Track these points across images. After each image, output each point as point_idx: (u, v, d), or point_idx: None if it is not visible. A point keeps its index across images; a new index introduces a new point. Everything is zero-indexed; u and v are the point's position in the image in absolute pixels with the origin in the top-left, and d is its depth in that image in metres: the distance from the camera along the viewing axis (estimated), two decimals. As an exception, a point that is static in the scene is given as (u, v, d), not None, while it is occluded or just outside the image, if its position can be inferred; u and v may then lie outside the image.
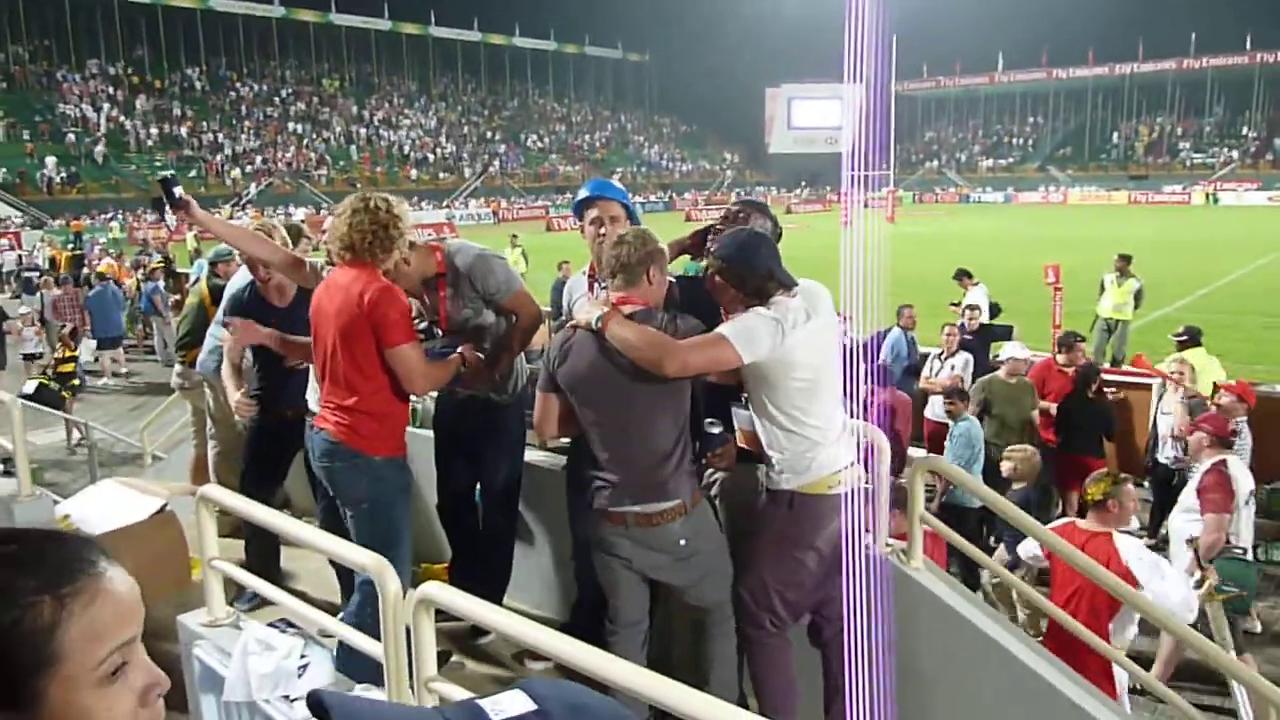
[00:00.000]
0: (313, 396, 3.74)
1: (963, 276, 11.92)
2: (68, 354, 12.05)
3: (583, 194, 3.73)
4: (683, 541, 3.07)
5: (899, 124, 59.31)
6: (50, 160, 47.19)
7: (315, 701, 0.79)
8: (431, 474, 4.19)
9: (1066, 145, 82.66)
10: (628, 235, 3.14)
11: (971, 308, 9.78)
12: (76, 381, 12.03)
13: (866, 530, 3.29)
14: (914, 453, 8.30)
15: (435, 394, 4.41)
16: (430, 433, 4.49)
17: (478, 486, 4.17)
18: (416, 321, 3.58)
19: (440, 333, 3.78)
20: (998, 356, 9.50)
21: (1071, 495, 7.33)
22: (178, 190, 3.84)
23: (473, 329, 3.73)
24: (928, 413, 8.68)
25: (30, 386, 11.03)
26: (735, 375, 3.10)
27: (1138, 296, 13.08)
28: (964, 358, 8.70)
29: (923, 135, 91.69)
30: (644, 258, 3.07)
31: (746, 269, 3.04)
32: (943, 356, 8.78)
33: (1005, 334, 9.92)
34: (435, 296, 3.71)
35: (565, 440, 3.53)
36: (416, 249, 3.60)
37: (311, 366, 3.66)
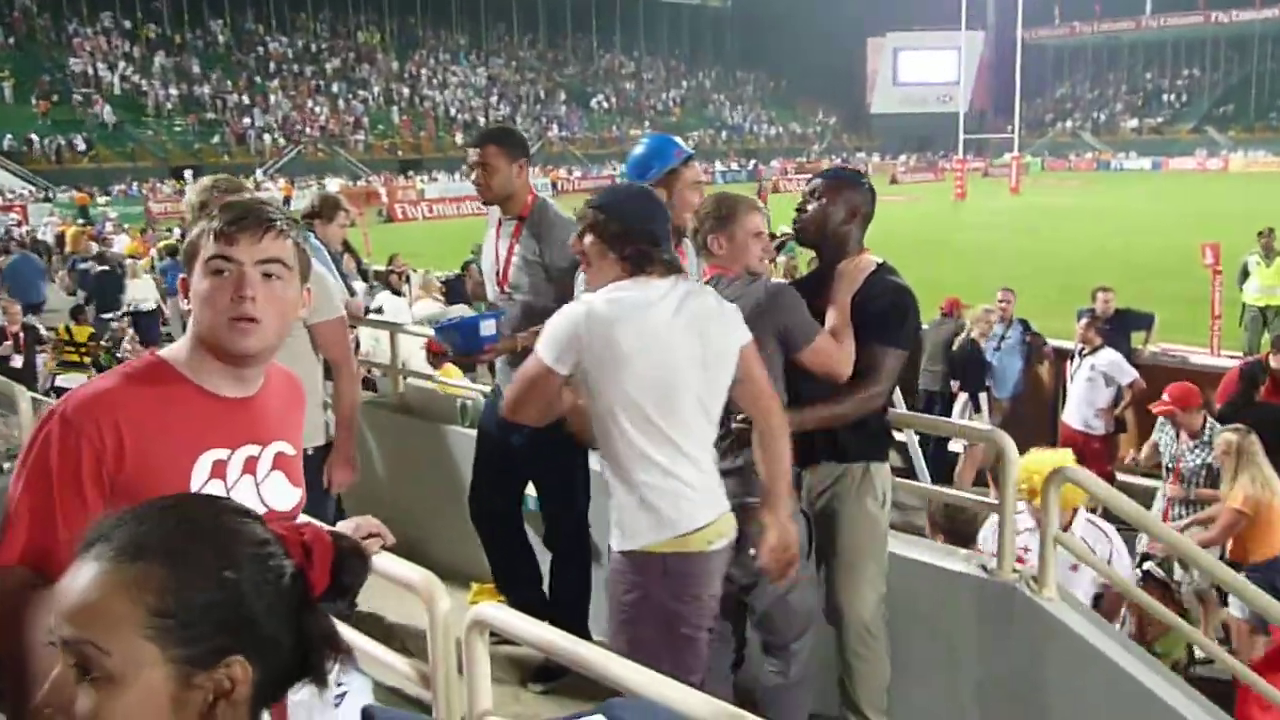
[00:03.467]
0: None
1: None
2: (71, 336, 12.22)
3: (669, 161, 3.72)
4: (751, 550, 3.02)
5: (1026, 78, 58.01)
6: (60, 126, 48.85)
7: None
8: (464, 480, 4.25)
9: (1228, 102, 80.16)
10: (703, 205, 3.20)
11: (1103, 289, 9.53)
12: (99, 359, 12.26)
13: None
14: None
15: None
16: (473, 432, 4.53)
17: (525, 500, 4.20)
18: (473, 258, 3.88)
19: (498, 289, 3.98)
20: (1138, 350, 9.29)
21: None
22: None
23: (523, 300, 3.79)
24: (1065, 417, 8.49)
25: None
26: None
27: None
28: (1108, 358, 8.40)
29: (1054, 91, 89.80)
30: (710, 226, 3.14)
31: (627, 225, 2.72)
32: (1083, 352, 8.55)
33: (1146, 322, 9.67)
34: (507, 241, 3.89)
35: None
36: (525, 170, 3.89)
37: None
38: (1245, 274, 12.88)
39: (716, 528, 2.70)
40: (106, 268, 15.51)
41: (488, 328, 3.80)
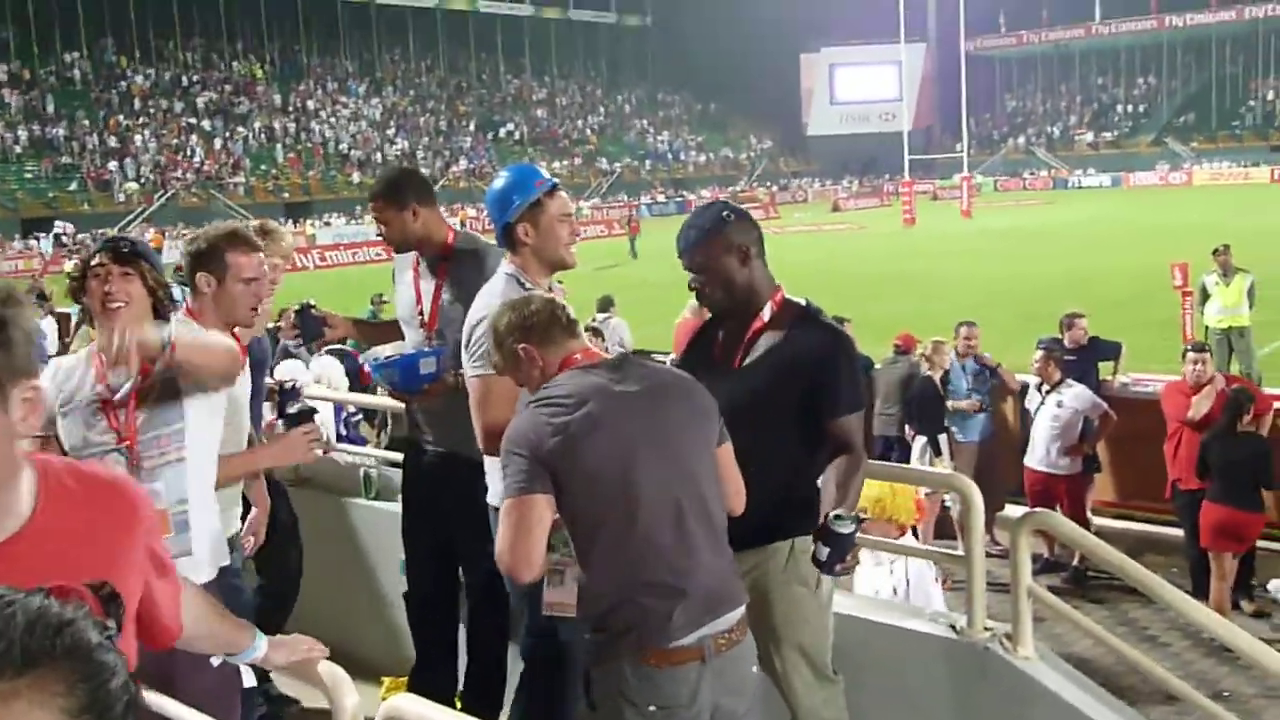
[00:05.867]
0: None
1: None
2: None
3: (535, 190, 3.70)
4: (754, 666, 2.94)
5: (973, 92, 59.55)
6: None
7: None
8: (390, 561, 4.21)
9: (1188, 111, 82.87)
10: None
11: (1074, 315, 9.75)
12: None
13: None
14: (1014, 510, 8.27)
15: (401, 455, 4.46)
16: (390, 506, 4.51)
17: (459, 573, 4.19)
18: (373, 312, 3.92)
19: (423, 332, 4.10)
20: (1107, 381, 9.49)
21: (1224, 559, 7.27)
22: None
23: (456, 339, 3.83)
24: (1029, 461, 8.63)
25: None
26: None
27: (1250, 294, 13.07)
28: (1075, 393, 8.53)
29: (1004, 106, 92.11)
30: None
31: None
32: (1043, 388, 8.69)
33: (1114, 351, 9.91)
34: (431, 282, 4.06)
35: None
36: (431, 211, 4.09)
37: None
38: (1205, 295, 13.26)
39: None
40: None
41: (427, 365, 3.88)
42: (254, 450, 3.74)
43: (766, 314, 3.26)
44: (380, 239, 4.25)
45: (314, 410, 3.85)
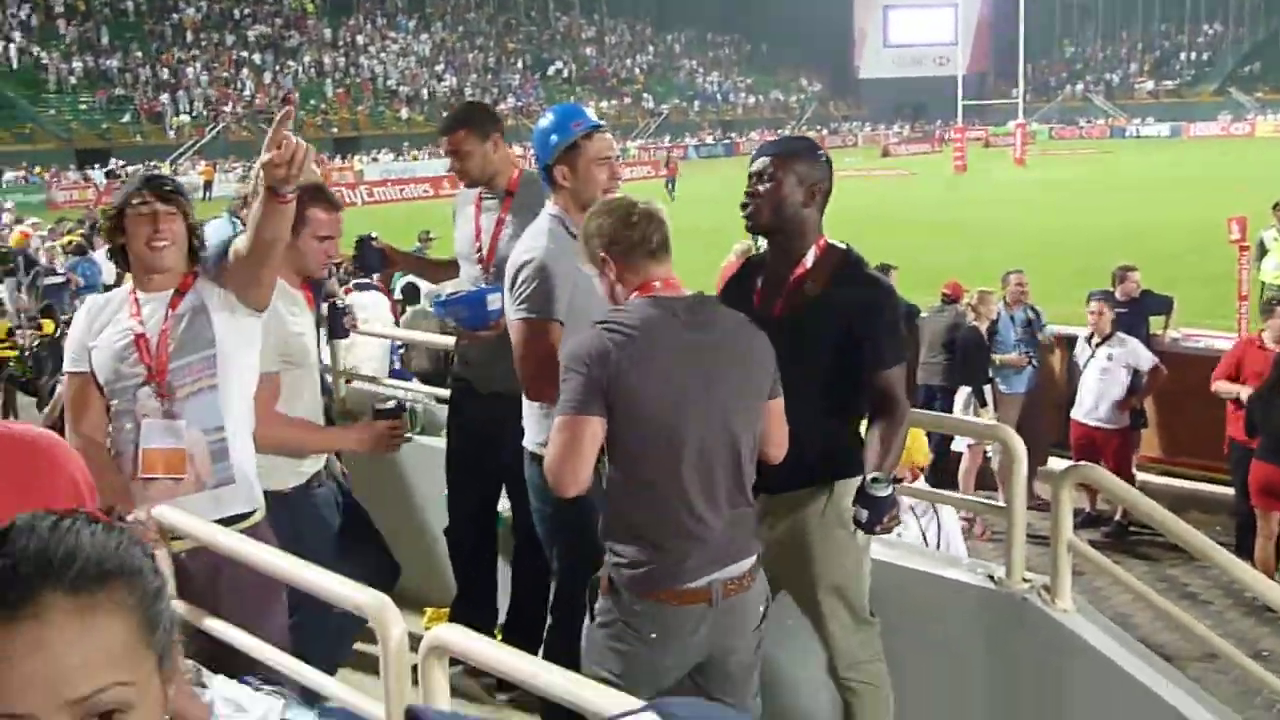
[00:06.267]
0: None
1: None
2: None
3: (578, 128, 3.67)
4: (762, 606, 3.01)
5: (1030, 37, 58.35)
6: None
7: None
8: (433, 495, 4.27)
9: (1254, 60, 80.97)
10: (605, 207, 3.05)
11: (1127, 268, 9.61)
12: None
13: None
14: (1057, 463, 8.24)
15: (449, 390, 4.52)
16: (435, 441, 4.57)
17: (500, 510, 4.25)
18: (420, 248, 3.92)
19: (480, 269, 4.13)
20: (1158, 335, 9.38)
21: (1271, 518, 7.20)
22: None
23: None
24: (1076, 414, 8.58)
25: None
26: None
27: None
28: (1126, 347, 8.44)
29: (1062, 51, 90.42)
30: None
31: None
32: (1092, 341, 8.62)
33: (1165, 305, 9.78)
34: (493, 217, 4.09)
35: None
36: (500, 147, 4.11)
37: None
38: (1263, 250, 13.07)
39: None
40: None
41: (494, 301, 3.86)
42: (338, 432, 3.75)
43: (809, 260, 3.24)
44: (455, 174, 4.24)
45: (403, 408, 3.93)
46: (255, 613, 3.12)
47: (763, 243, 3.46)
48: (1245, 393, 7.62)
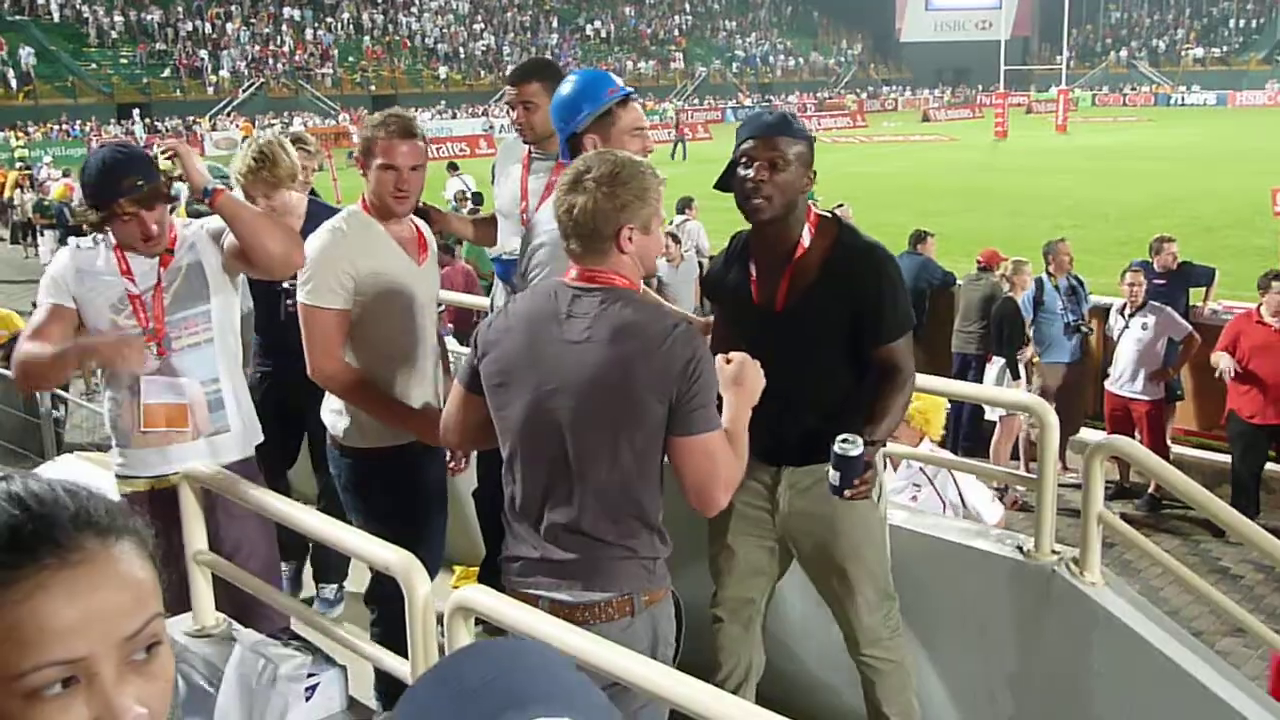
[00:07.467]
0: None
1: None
2: None
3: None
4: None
5: (1075, 1, 57.54)
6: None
7: None
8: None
9: (1304, 28, 79.63)
10: (588, 167, 2.59)
11: (1164, 239, 9.48)
12: None
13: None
14: (1090, 435, 8.19)
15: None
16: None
17: None
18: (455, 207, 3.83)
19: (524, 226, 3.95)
20: (1197, 307, 9.26)
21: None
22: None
23: None
24: (1110, 385, 8.51)
25: None
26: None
27: None
28: (1160, 316, 8.33)
29: (1107, 17, 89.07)
30: (612, 212, 2.54)
31: None
32: (1126, 311, 8.53)
33: (1207, 277, 9.65)
34: (543, 179, 3.95)
35: None
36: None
37: None
38: None
39: None
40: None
41: None
42: (404, 415, 3.59)
43: (806, 239, 3.10)
44: (516, 127, 4.09)
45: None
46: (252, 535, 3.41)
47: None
48: (1225, 361, 7.69)
